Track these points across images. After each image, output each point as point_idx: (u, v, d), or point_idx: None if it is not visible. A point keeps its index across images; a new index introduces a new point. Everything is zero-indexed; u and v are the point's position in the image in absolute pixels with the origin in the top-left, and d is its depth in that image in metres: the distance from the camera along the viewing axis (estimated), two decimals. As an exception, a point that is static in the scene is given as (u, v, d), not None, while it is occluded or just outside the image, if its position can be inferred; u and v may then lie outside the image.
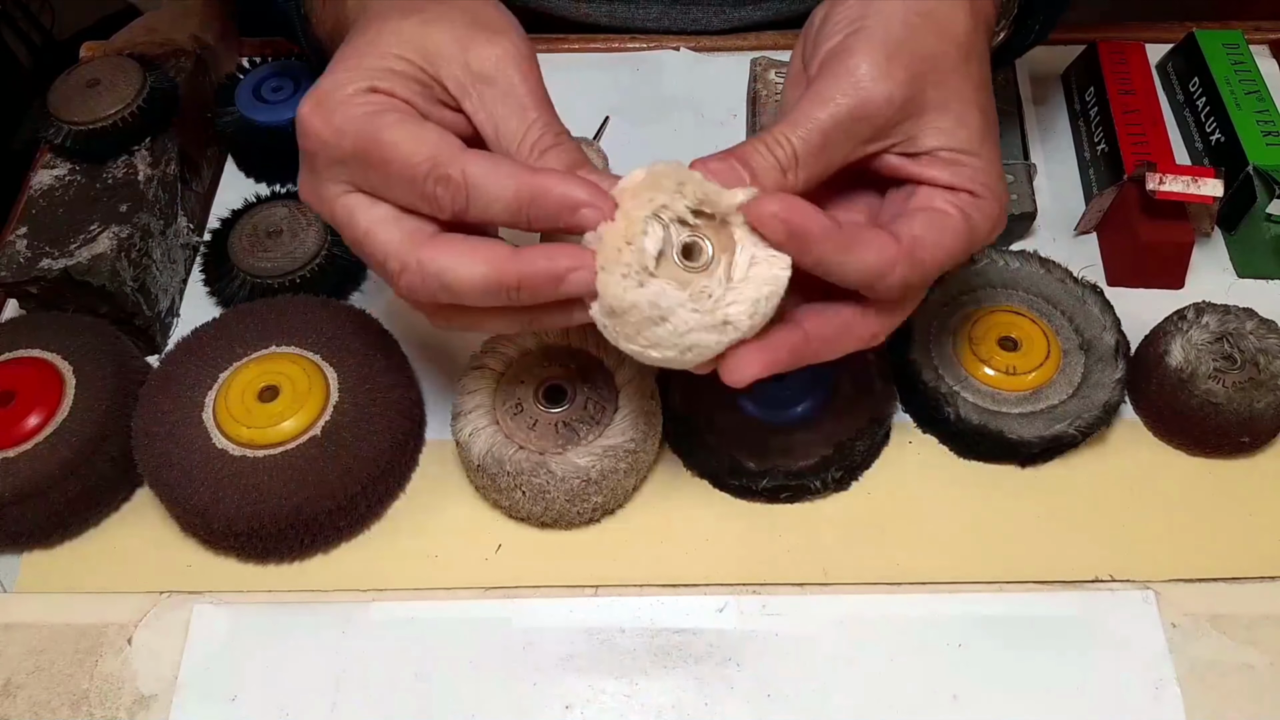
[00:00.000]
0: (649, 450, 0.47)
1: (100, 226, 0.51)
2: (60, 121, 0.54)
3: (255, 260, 0.54)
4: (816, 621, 0.45)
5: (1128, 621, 0.44)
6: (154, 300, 0.54)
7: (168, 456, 0.45)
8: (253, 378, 0.47)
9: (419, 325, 0.54)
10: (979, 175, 0.37)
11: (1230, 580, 0.46)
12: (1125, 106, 0.59)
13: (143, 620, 0.45)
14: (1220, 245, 0.57)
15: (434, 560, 0.47)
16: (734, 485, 0.48)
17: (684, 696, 0.43)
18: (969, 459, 0.50)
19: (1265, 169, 0.54)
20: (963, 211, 0.37)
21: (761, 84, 0.60)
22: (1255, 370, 0.47)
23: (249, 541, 0.46)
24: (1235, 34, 0.62)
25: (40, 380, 0.47)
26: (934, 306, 0.51)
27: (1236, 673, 0.43)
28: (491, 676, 0.44)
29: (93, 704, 0.43)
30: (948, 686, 0.43)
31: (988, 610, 0.45)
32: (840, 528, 0.48)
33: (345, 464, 0.45)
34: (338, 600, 0.46)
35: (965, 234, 0.37)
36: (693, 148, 0.39)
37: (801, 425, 0.47)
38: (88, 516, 0.48)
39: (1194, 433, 0.48)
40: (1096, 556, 0.47)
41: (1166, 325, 0.49)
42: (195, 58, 0.60)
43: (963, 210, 0.37)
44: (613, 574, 0.46)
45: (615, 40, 0.67)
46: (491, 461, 0.44)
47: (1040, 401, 0.48)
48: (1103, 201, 0.56)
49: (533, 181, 0.34)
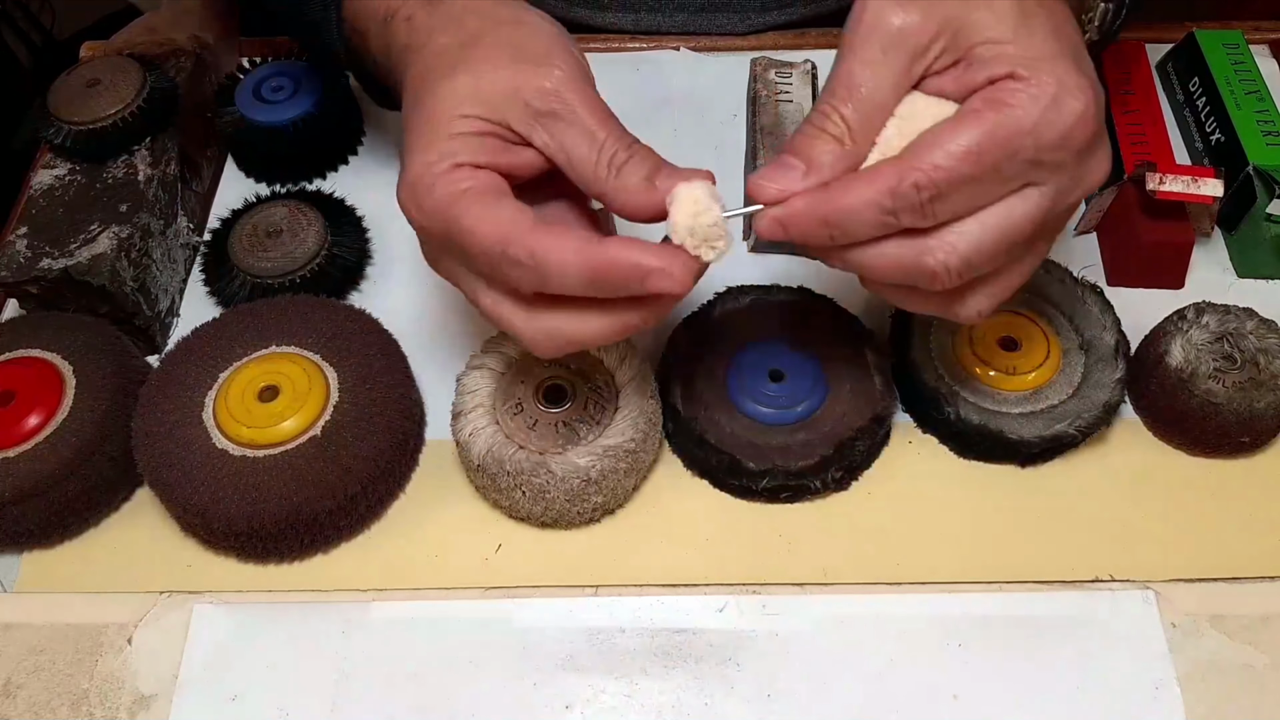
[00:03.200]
0: (649, 450, 0.47)
1: (100, 226, 0.51)
2: (60, 121, 0.54)
3: (255, 260, 0.54)
4: (816, 621, 0.45)
5: (1128, 621, 0.44)
6: (154, 300, 0.54)
7: (168, 456, 0.45)
8: (253, 378, 0.47)
9: (419, 325, 0.54)
10: (1018, 59, 0.33)
11: (1230, 580, 0.46)
12: (1125, 106, 0.59)
13: (143, 620, 0.45)
14: (1220, 245, 0.57)
15: (434, 560, 0.47)
16: (734, 485, 0.48)
17: (684, 696, 0.43)
18: (969, 459, 0.50)
19: (1265, 169, 0.54)
20: (990, 100, 0.33)
21: (761, 84, 0.60)
22: (1255, 370, 0.47)
23: (249, 541, 0.46)
24: (1235, 34, 0.62)
25: (40, 380, 0.47)
26: (934, 306, 0.51)
27: (1236, 673, 0.43)
28: (491, 676, 0.44)
29: (93, 704, 0.43)
30: (948, 686, 0.43)
31: (988, 610, 0.45)
32: (840, 528, 0.48)
33: (345, 464, 0.45)
34: (338, 600, 0.46)
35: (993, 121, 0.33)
36: (693, 148, 0.39)
37: (801, 425, 0.48)
38: (88, 516, 0.48)
39: (1194, 433, 0.48)
40: (1096, 556, 0.47)
41: (1166, 325, 0.49)
42: (195, 58, 0.60)
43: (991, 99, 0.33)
44: (613, 574, 0.46)
45: (615, 40, 0.67)
46: (491, 461, 0.44)
47: (1040, 401, 0.48)
48: (1103, 201, 0.56)
49: (597, 256, 0.34)
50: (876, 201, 0.34)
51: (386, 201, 0.59)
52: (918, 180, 0.33)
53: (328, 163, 0.62)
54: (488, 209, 0.35)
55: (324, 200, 0.58)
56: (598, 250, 0.34)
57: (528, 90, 0.37)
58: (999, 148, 0.33)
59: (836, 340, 0.50)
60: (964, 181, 0.33)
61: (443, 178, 0.36)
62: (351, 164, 0.63)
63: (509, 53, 0.37)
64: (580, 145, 0.36)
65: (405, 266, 0.58)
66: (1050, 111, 0.33)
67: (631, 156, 0.36)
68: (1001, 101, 0.33)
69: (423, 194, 0.36)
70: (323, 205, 0.57)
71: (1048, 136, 0.33)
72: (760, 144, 0.57)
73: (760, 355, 0.49)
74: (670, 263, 0.34)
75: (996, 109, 0.33)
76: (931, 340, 0.50)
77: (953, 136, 0.33)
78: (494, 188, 0.36)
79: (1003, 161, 0.33)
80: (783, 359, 0.49)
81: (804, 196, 0.35)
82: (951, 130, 0.33)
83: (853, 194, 0.34)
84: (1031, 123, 0.33)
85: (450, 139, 0.36)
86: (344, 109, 0.61)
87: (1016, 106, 0.33)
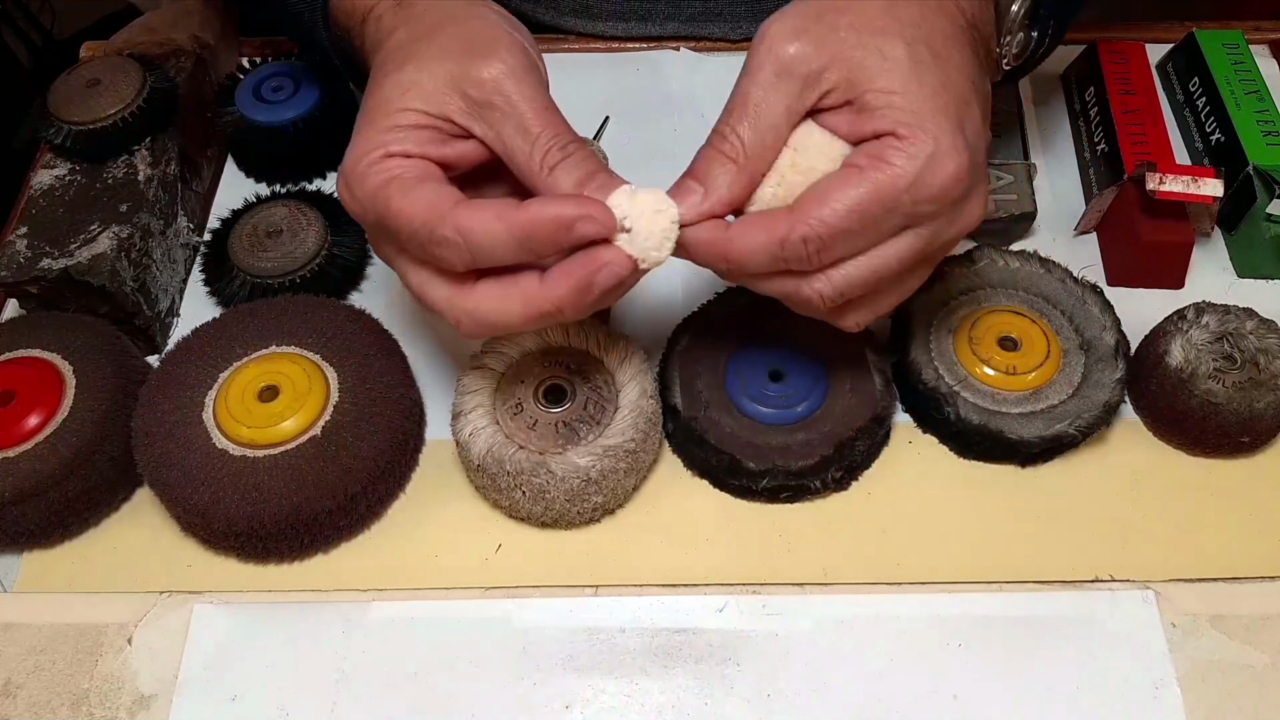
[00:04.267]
0: (649, 450, 0.47)
1: (100, 226, 0.51)
2: (60, 121, 0.54)
3: (255, 260, 0.54)
4: (816, 621, 0.45)
5: (1128, 621, 0.44)
6: (154, 300, 0.54)
7: (168, 456, 0.45)
8: (253, 378, 0.47)
9: (419, 325, 0.54)
10: (904, 115, 0.36)
11: (1230, 580, 0.46)
12: (1125, 106, 0.59)
13: (143, 620, 0.45)
14: (1220, 245, 0.57)
15: (434, 560, 0.47)
16: (734, 485, 0.48)
17: (684, 696, 0.43)
18: (969, 459, 0.50)
19: (1265, 169, 0.54)
20: (873, 159, 0.36)
21: (761, 84, 0.60)
22: (1255, 370, 0.47)
23: (249, 541, 0.46)
24: (1235, 34, 0.62)
25: (40, 380, 0.47)
26: (934, 306, 0.51)
27: (1236, 673, 0.43)
28: (491, 676, 0.44)
29: (93, 704, 0.43)
30: (948, 686, 0.43)
31: (988, 610, 0.45)
32: (840, 528, 0.48)
33: (345, 464, 0.45)
34: (338, 600, 0.46)
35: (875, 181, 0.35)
36: (693, 148, 0.39)
37: (801, 425, 0.47)
38: (88, 516, 0.48)
39: (1194, 433, 0.48)
40: (1096, 556, 0.47)
41: (1166, 325, 0.49)
42: (195, 58, 0.60)
43: (873, 157, 0.36)
44: (613, 574, 0.46)
45: (615, 40, 0.67)
46: (491, 461, 0.44)
47: (1040, 401, 0.48)
48: (1103, 201, 0.56)
49: (519, 217, 0.35)
50: (768, 250, 0.37)
51: (386, 201, 0.59)
52: (805, 234, 0.36)
53: (328, 163, 0.62)
54: (412, 192, 0.36)
55: (324, 200, 0.58)
56: (518, 213, 0.35)
57: (467, 81, 0.38)
58: (878, 205, 0.36)
59: (836, 340, 0.50)
60: (846, 235, 0.36)
61: (374, 167, 0.37)
62: (351, 164, 0.63)
63: (456, 45, 0.38)
64: (515, 138, 0.38)
65: (405, 266, 0.58)
66: (926, 172, 0.35)
67: (566, 158, 0.37)
68: (882, 160, 0.36)
69: (355, 183, 0.38)
70: (323, 205, 0.57)
71: (923, 193, 0.36)
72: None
73: (760, 355, 0.49)
74: (591, 208, 0.35)
75: (877, 168, 0.36)
76: (931, 340, 0.50)
77: (839, 194, 0.36)
78: (423, 174, 0.37)
79: (881, 216, 0.36)
80: (783, 359, 0.49)
81: (708, 230, 0.38)
82: (838, 188, 0.36)
83: (749, 240, 0.37)
84: (908, 181, 0.35)
85: (385, 131, 0.38)
86: (344, 109, 0.61)
87: (895, 165, 0.35)
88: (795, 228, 0.36)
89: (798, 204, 0.37)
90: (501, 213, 0.35)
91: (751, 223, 0.37)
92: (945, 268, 0.52)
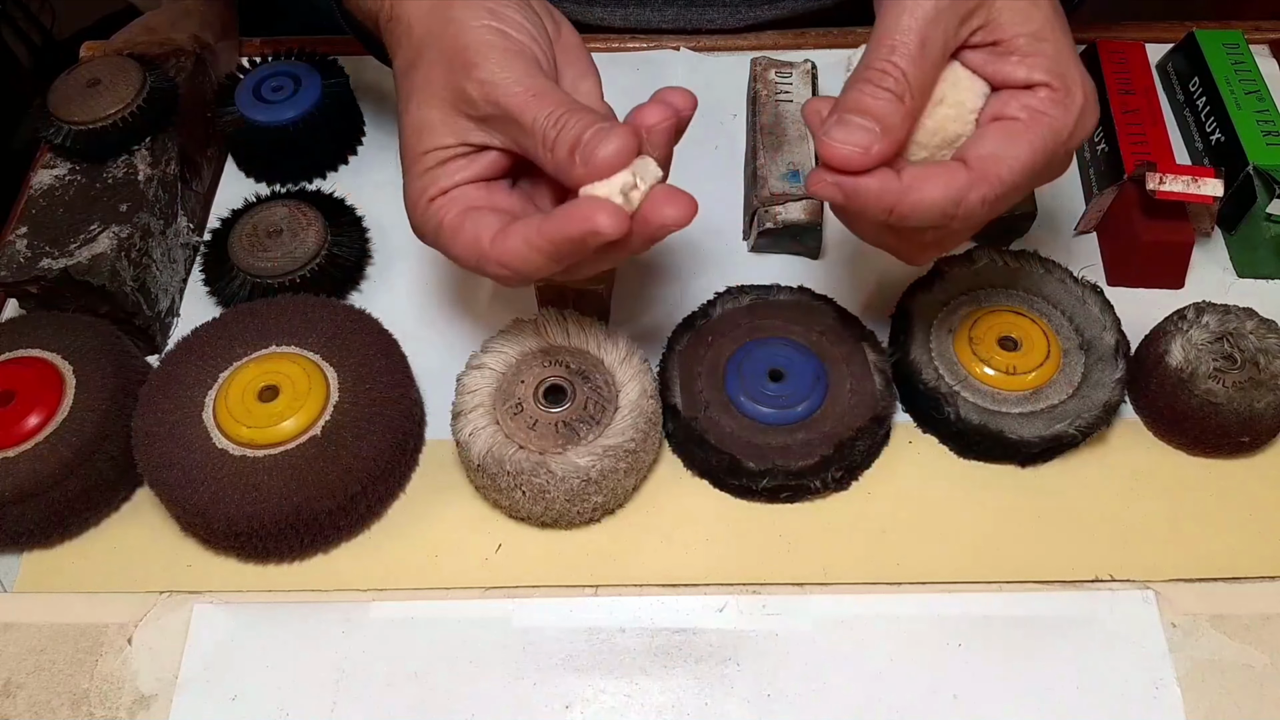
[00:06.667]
0: (649, 450, 0.47)
1: (100, 226, 0.51)
2: (60, 121, 0.54)
3: (255, 260, 0.54)
4: (816, 621, 0.45)
5: (1128, 621, 0.44)
6: (154, 300, 0.54)
7: (168, 456, 0.45)
8: (253, 377, 0.47)
9: (419, 325, 0.54)
10: (1054, 64, 0.37)
11: (1230, 580, 0.46)
12: (1125, 106, 0.59)
13: (143, 620, 0.45)
14: (1220, 245, 0.57)
15: (434, 560, 0.47)
16: (734, 485, 0.48)
17: (684, 696, 0.43)
18: (969, 459, 0.50)
19: (1265, 169, 0.54)
20: (1035, 113, 0.37)
21: (761, 84, 0.60)
22: (1255, 370, 0.47)
23: (249, 541, 0.46)
24: (1235, 34, 0.62)
25: (40, 380, 0.47)
26: (934, 306, 0.51)
27: (1236, 673, 0.43)
28: (491, 676, 0.44)
29: (93, 704, 0.43)
30: (948, 686, 0.43)
31: (988, 610, 0.45)
32: (840, 528, 0.48)
33: (345, 464, 0.45)
34: (338, 600, 0.46)
35: (1042, 137, 0.37)
36: (692, 147, 0.39)
37: (801, 425, 0.48)
38: (88, 516, 0.48)
39: (1194, 433, 0.48)
40: (1096, 556, 0.47)
41: (1166, 325, 0.49)
42: (195, 58, 0.60)
43: (1036, 111, 0.37)
44: (613, 574, 0.46)
45: (615, 40, 0.67)
46: (491, 461, 0.44)
47: (1040, 401, 0.48)
48: (1103, 201, 0.56)
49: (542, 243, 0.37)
50: (942, 207, 0.37)
51: (386, 201, 0.59)
52: (985, 195, 0.37)
53: (328, 163, 0.62)
54: (458, 237, 0.39)
55: (324, 200, 0.58)
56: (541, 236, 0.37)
57: (462, 103, 0.39)
58: (1044, 159, 0.37)
59: (836, 340, 0.50)
60: (1016, 190, 0.38)
61: (424, 214, 0.40)
62: (351, 164, 0.63)
63: (439, 72, 0.40)
64: (521, 139, 0.39)
65: (405, 266, 0.58)
66: (1078, 127, 0.38)
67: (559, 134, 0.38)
68: (1045, 114, 0.37)
69: (416, 227, 0.41)
70: (323, 205, 0.57)
71: (1074, 144, 0.38)
72: (760, 143, 0.57)
73: (760, 355, 0.49)
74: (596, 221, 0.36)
75: (1040, 122, 0.37)
76: (932, 340, 0.50)
77: (1012, 152, 0.37)
78: (464, 207, 0.40)
79: (1043, 167, 0.38)
80: (783, 359, 0.49)
81: (880, 179, 0.37)
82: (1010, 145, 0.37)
83: (928, 193, 0.37)
84: (1067, 134, 0.37)
85: (420, 177, 0.40)
86: (344, 109, 0.61)
87: (1057, 120, 0.37)
88: (976, 187, 0.36)
89: (974, 161, 0.37)
90: (528, 237, 0.37)
91: (930, 177, 0.37)
92: (945, 268, 0.52)
